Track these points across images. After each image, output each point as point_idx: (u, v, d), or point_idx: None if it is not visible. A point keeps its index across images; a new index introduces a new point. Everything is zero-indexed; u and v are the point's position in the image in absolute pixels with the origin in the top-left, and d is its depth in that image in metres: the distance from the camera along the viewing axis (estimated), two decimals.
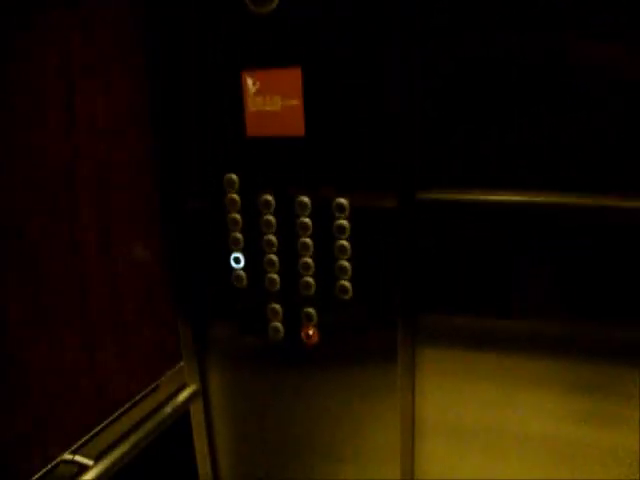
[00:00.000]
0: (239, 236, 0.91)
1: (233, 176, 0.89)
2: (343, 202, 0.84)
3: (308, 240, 0.87)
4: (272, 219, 0.88)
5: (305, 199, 0.86)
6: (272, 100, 0.83)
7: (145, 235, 0.92)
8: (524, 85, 0.75)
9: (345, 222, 0.85)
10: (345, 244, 0.85)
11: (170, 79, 0.89)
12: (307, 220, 0.86)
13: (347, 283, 0.87)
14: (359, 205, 0.83)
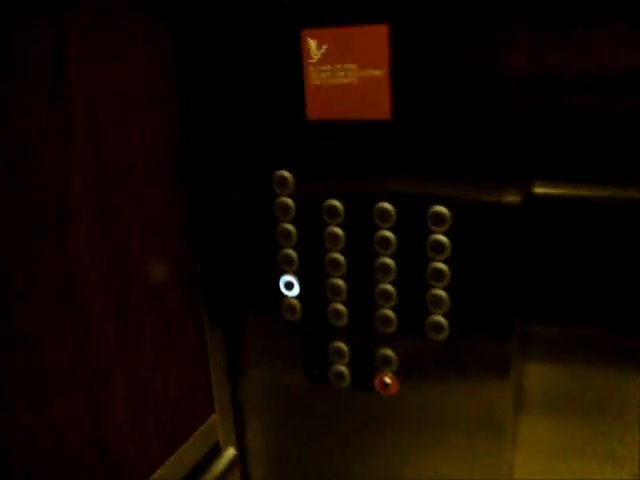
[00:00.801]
0: (292, 254, 0.72)
1: (286, 173, 0.70)
2: (442, 211, 0.63)
3: (389, 261, 0.68)
4: (339, 232, 0.69)
5: (387, 206, 0.66)
6: (344, 70, 0.64)
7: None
8: None
9: (443, 238, 0.65)
10: (442, 267, 0.65)
11: (203, 41, 0.70)
12: (389, 234, 0.67)
13: (442, 319, 0.67)
14: (464, 211, 0.63)
